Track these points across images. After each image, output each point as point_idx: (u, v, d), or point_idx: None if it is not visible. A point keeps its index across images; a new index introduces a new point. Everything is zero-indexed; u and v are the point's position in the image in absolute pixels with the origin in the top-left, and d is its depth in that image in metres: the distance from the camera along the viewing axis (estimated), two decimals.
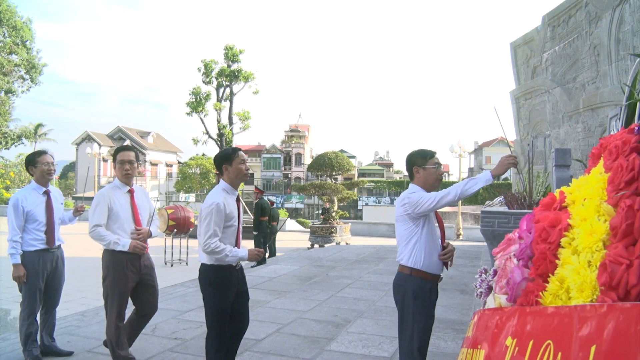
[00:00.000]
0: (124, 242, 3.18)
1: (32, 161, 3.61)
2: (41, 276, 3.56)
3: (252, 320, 4.88)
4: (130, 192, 3.35)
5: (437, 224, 2.76)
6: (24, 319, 3.54)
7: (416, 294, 2.59)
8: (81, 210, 3.86)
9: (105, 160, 48.54)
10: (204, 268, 2.94)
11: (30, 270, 3.50)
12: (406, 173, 2.91)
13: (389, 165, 69.43)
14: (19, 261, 3.47)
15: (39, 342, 3.62)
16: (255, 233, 9.87)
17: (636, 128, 1.30)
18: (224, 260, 2.82)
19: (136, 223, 3.32)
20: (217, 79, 21.28)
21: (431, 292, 2.65)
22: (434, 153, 2.76)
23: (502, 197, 6.49)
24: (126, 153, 3.38)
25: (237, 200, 3.00)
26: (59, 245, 3.71)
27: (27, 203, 3.52)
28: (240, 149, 3.03)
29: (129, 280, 3.24)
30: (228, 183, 2.95)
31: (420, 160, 2.71)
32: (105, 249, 3.24)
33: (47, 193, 3.64)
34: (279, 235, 12.33)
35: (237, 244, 2.95)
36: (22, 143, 34.95)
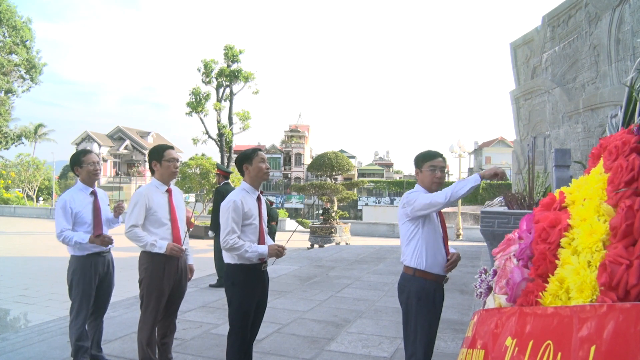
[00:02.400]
0: (160, 244, 3.09)
1: (78, 161, 3.50)
2: (94, 281, 3.43)
3: None
4: (169, 191, 3.29)
5: (440, 224, 2.76)
6: (74, 328, 3.38)
7: (419, 295, 2.58)
8: (121, 209, 3.65)
9: (105, 160, 48.51)
10: (228, 268, 2.93)
11: (83, 275, 3.37)
12: (406, 173, 2.93)
13: (389, 165, 69.31)
14: (85, 239, 3.32)
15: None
16: None
17: (636, 128, 1.30)
18: (244, 257, 2.82)
19: (172, 223, 3.24)
20: (217, 79, 21.27)
21: (435, 293, 2.62)
22: (435, 155, 2.74)
23: (502, 197, 6.49)
24: (174, 151, 3.31)
25: (258, 199, 3.00)
26: (109, 249, 3.58)
27: (75, 204, 3.40)
28: (260, 149, 3.03)
29: (166, 283, 3.17)
30: (249, 183, 2.96)
31: (419, 162, 2.73)
32: (142, 250, 3.18)
33: (94, 194, 3.53)
34: (279, 236, 12.32)
35: (260, 242, 2.95)
36: (22, 143, 34.97)
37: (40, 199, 40.10)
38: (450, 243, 2.83)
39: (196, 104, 20.98)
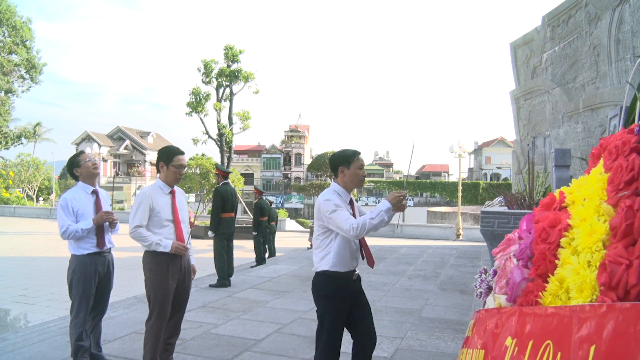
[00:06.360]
0: (165, 243, 3.12)
1: (75, 162, 3.49)
2: (94, 281, 3.41)
3: (252, 320, 4.89)
4: (172, 193, 3.31)
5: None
6: (74, 327, 3.36)
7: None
8: (112, 221, 3.50)
9: (105, 160, 48.52)
10: (317, 278, 2.71)
11: (83, 274, 3.35)
12: (406, 173, 2.91)
13: (389, 165, 69.47)
14: (90, 224, 3.32)
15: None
16: (254, 233, 9.94)
17: (636, 128, 1.30)
18: (373, 225, 2.47)
19: (175, 224, 3.26)
20: (217, 79, 21.27)
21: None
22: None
23: (502, 197, 6.50)
24: (183, 157, 3.33)
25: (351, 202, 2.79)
26: (110, 249, 3.55)
27: (76, 203, 3.39)
28: (359, 152, 2.78)
29: (170, 282, 3.20)
30: (342, 186, 2.72)
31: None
32: (146, 250, 3.20)
33: (95, 193, 3.52)
34: (279, 235, 12.33)
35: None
36: (22, 143, 35.00)
37: (40, 199, 40.10)
38: (450, 243, 2.82)
39: (196, 104, 20.98)
